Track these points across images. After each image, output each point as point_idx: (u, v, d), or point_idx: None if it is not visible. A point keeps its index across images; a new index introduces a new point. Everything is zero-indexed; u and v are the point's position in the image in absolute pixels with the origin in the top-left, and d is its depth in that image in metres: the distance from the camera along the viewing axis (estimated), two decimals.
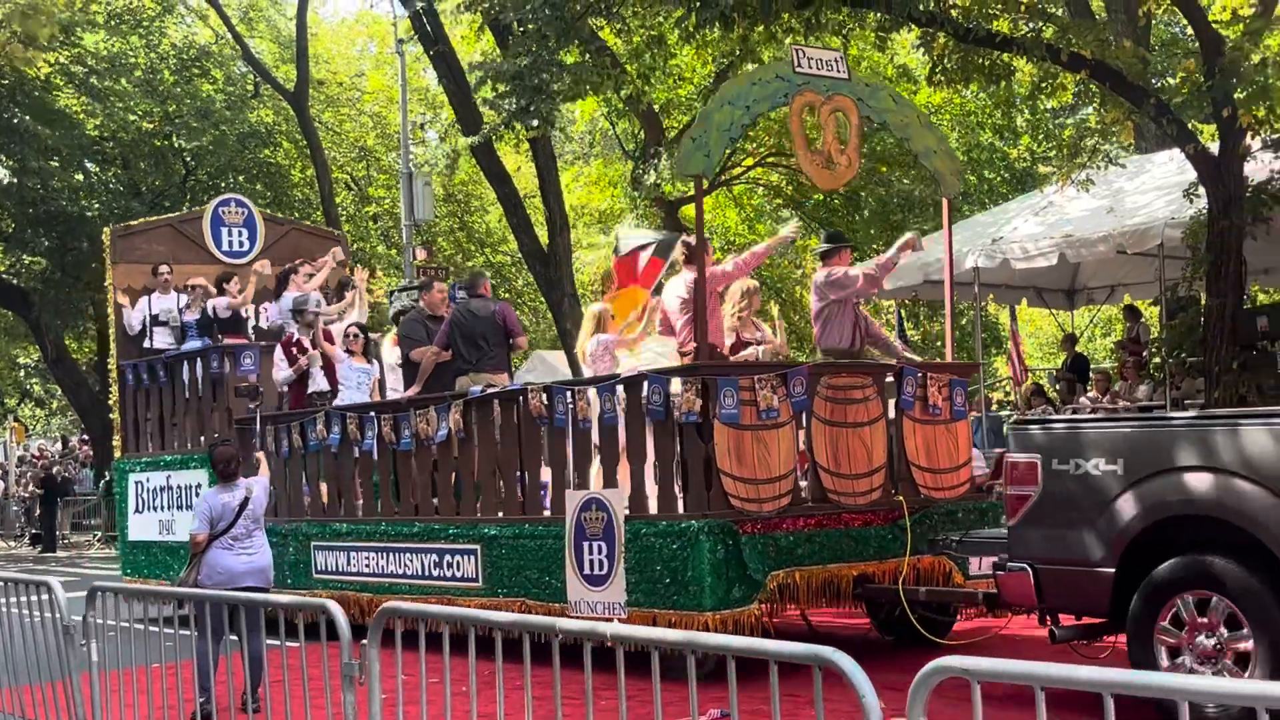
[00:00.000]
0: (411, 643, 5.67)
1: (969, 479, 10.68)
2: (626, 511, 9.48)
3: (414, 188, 28.02)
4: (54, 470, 34.68)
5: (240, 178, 33.03)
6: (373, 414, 11.97)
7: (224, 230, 16.13)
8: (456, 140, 23.41)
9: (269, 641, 7.65)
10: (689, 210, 29.69)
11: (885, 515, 9.94)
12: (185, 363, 14.39)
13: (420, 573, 11.33)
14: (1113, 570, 7.42)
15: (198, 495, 13.01)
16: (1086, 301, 19.95)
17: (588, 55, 15.77)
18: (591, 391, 9.96)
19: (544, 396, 10.32)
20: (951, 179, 11.16)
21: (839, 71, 10.41)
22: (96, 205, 30.68)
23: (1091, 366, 19.64)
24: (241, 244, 16.18)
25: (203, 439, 13.95)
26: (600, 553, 9.52)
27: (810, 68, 10.21)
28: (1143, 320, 18.45)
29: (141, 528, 15.01)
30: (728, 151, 28.56)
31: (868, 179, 26.91)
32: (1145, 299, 19.80)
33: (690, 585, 9.01)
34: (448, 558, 11.09)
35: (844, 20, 14.56)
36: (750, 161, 28.67)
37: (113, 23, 32.17)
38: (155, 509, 14.70)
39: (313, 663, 6.38)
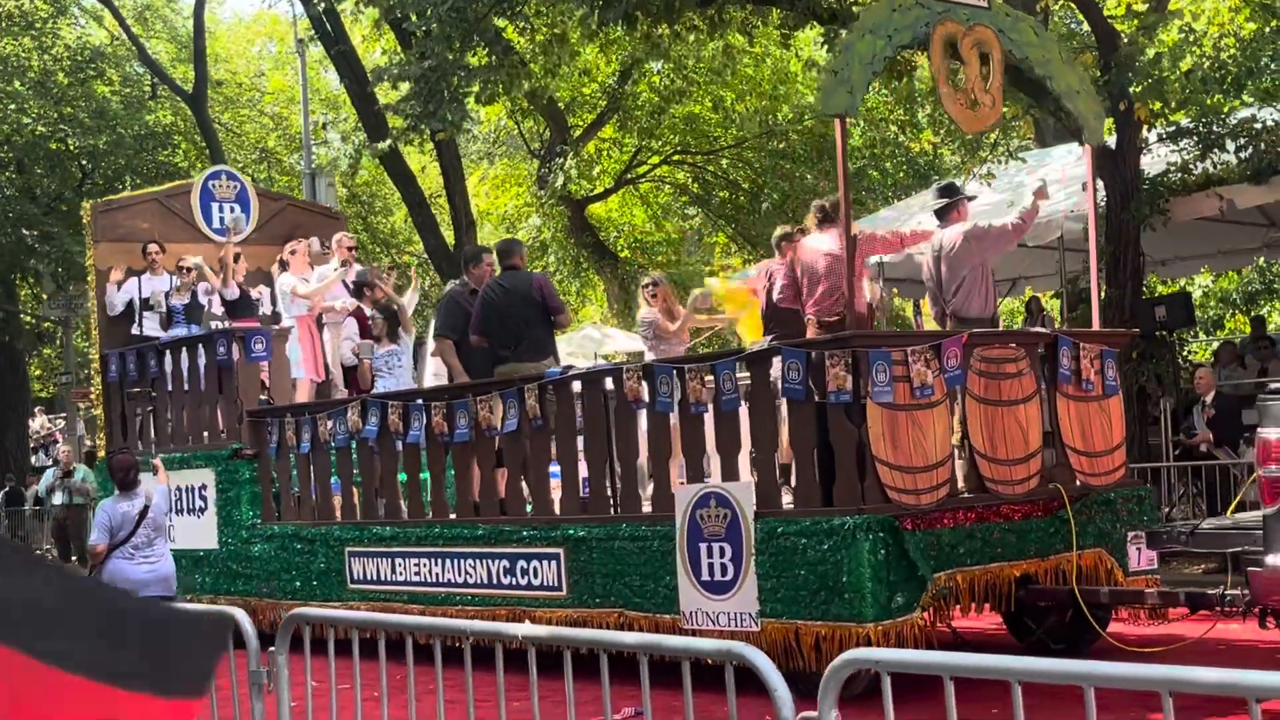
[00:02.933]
0: (344, 651, 5.59)
1: (1123, 463, 9.61)
2: (756, 507, 8.30)
3: (316, 189, 27.74)
4: None
5: (138, 180, 32.46)
6: (420, 402, 10.62)
7: (214, 206, 14.72)
8: (359, 139, 23.20)
9: None
10: (596, 208, 29.69)
11: (1045, 506, 8.83)
12: (185, 350, 12.96)
13: (486, 581, 9.97)
14: None
15: (203, 496, 12.30)
16: None
17: (493, 56, 15.69)
18: (705, 369, 8.73)
19: (641, 377, 9.10)
20: (1095, 124, 10.17)
21: None
22: None
23: None
24: (234, 221, 14.74)
25: (206, 435, 12.76)
26: (723, 556, 8.31)
27: None
28: (1045, 313, 18.71)
29: None
30: (635, 155, 28.69)
31: (771, 174, 27.09)
32: (1047, 291, 20.09)
33: (846, 592, 7.81)
34: (521, 564, 9.74)
35: (748, 17, 14.61)
36: (656, 159, 28.75)
37: (3, 24, 31.47)
38: None
39: (223, 671, 6.29)
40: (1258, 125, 13.10)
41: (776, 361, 8.42)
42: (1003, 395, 8.71)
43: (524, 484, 10.13)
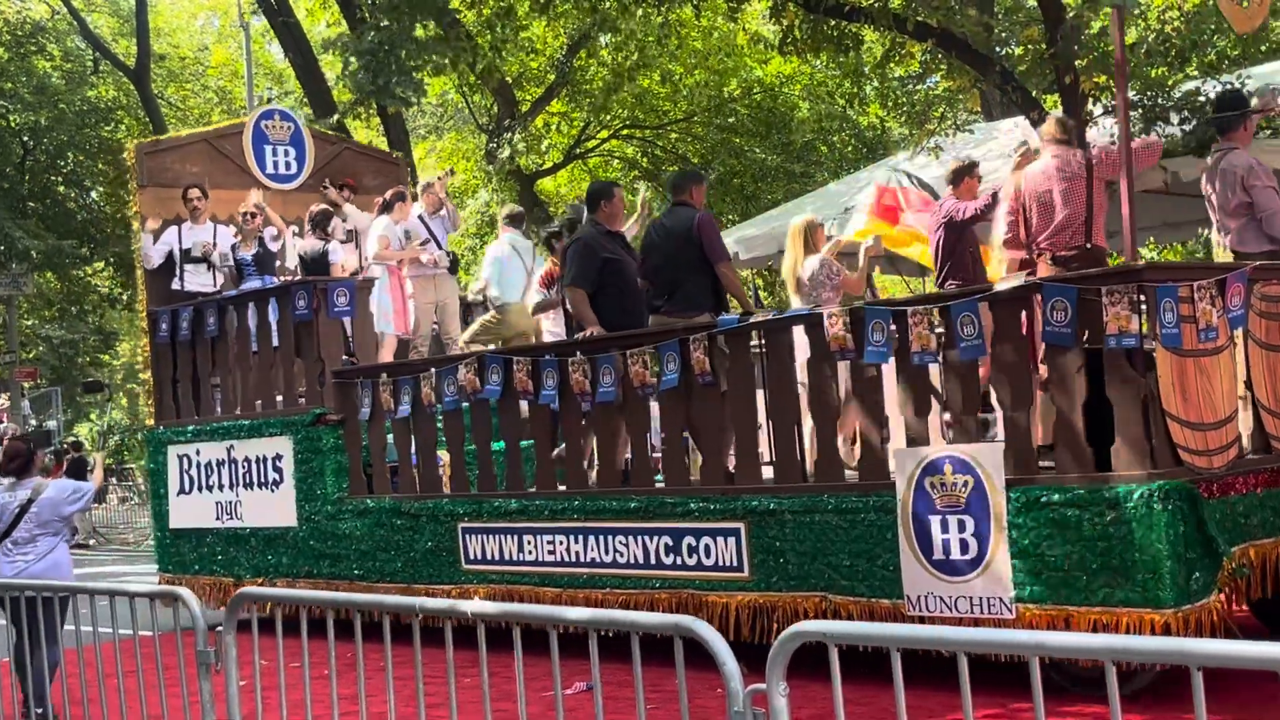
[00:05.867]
0: (290, 630, 5.56)
1: None
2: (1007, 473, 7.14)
3: None
4: None
5: (81, 155, 32.14)
6: (552, 356, 9.37)
7: (268, 148, 13.68)
8: (304, 113, 23.04)
9: (123, 631, 7.46)
10: (545, 183, 29.58)
11: None
12: (252, 305, 11.79)
13: (641, 561, 8.82)
14: None
15: (278, 468, 11.21)
16: None
17: (440, 29, 15.60)
18: (934, 312, 7.43)
19: (848, 322, 7.78)
20: None
21: None
22: None
23: None
24: (288, 165, 13.78)
25: (279, 399, 11.48)
26: (963, 530, 7.18)
27: None
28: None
29: (188, 512, 12.13)
30: (584, 129, 28.58)
31: (720, 149, 27.12)
32: None
33: (1138, 574, 6.67)
34: (688, 540, 8.55)
35: None
36: (605, 134, 28.70)
37: None
38: (209, 488, 11.94)
39: (170, 651, 6.25)
40: (1202, 98, 13.19)
41: (1040, 300, 7.16)
42: None
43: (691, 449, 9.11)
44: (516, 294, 11.80)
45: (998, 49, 13.93)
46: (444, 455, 10.35)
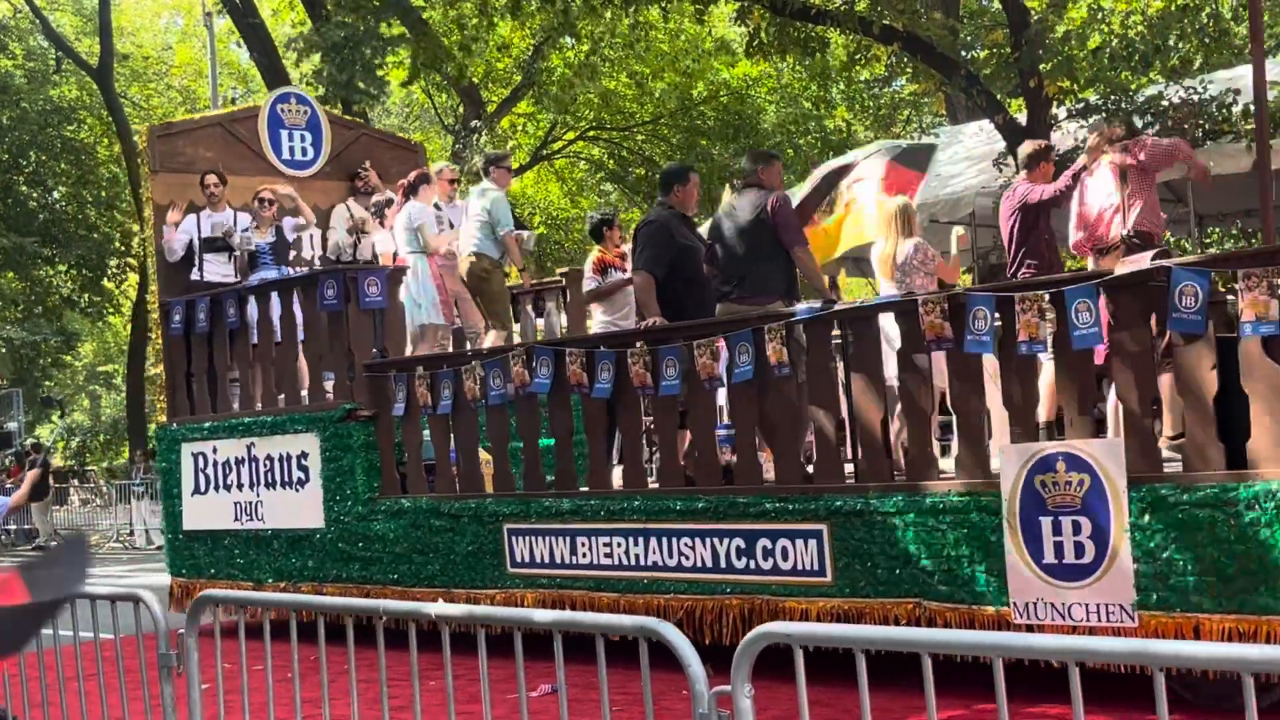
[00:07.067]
0: (255, 634, 5.52)
1: None
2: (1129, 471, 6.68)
3: None
4: None
5: (43, 155, 31.89)
6: (607, 348, 8.88)
7: (283, 133, 13.08)
8: None
9: (84, 634, 7.40)
10: (512, 184, 29.49)
11: None
12: (276, 294, 11.29)
13: (709, 564, 8.29)
14: None
15: (303, 467, 10.69)
16: None
17: (406, 28, 15.58)
18: (1045, 300, 6.96)
19: (945, 309, 7.30)
20: None
21: None
22: None
23: None
24: (304, 151, 13.19)
25: (304, 394, 11.02)
26: (1078, 532, 6.74)
27: None
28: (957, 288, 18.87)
29: (203, 513, 11.54)
30: (551, 131, 28.55)
31: (688, 152, 27.15)
32: (960, 268, 20.32)
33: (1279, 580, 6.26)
34: (764, 543, 8.05)
35: None
36: (572, 135, 28.69)
37: None
38: (227, 488, 11.35)
39: (132, 654, 6.20)
40: (1165, 103, 13.30)
41: (1170, 286, 6.63)
42: None
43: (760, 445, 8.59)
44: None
45: (963, 53, 14.01)
46: (482, 453, 9.89)
